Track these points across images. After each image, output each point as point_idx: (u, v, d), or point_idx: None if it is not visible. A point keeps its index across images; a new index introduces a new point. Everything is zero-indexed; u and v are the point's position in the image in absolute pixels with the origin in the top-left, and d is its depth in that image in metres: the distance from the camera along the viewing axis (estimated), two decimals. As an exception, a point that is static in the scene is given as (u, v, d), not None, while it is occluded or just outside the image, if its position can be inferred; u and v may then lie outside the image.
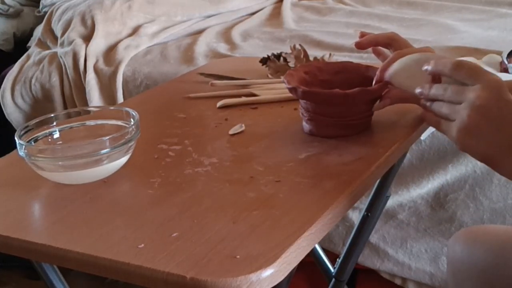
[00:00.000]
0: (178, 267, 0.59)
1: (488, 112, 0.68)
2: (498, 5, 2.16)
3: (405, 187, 1.49)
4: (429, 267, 1.50)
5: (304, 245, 0.63)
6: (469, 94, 0.70)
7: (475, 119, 0.69)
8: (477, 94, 0.69)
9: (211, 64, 1.58)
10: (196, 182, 0.77)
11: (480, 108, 0.69)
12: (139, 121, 0.82)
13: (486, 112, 0.68)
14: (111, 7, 2.07)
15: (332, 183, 0.74)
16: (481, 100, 0.68)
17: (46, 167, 0.77)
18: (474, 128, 0.69)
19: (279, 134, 0.91)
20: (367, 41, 0.92)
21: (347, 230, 1.54)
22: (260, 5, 2.39)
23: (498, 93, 0.69)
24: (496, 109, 0.68)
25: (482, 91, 0.69)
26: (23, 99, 1.96)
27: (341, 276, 1.31)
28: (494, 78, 0.70)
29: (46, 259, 0.76)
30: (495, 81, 0.69)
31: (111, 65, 1.88)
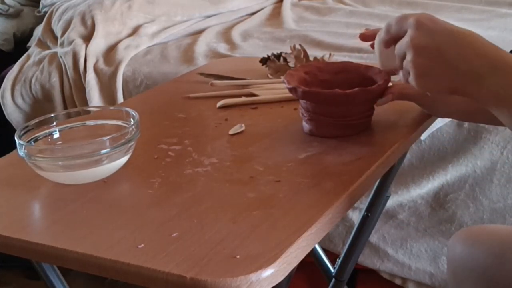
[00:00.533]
0: (178, 267, 0.59)
1: (426, 49, 0.67)
2: (498, 5, 2.16)
3: (405, 187, 1.49)
4: (429, 267, 1.50)
5: (304, 245, 0.63)
6: (405, 40, 0.69)
7: (419, 62, 0.68)
8: (409, 37, 0.68)
9: (211, 64, 1.58)
10: (196, 182, 0.77)
11: (418, 48, 0.68)
12: (139, 121, 0.82)
13: (424, 50, 0.67)
14: (111, 7, 2.07)
15: (332, 183, 0.74)
16: (415, 40, 0.68)
17: (46, 167, 0.78)
18: (423, 70, 0.68)
19: (279, 134, 0.91)
20: (371, 33, 0.90)
21: (347, 230, 1.54)
22: (260, 5, 2.39)
23: (428, 27, 0.68)
24: (432, 42, 0.67)
25: (413, 32, 0.68)
26: (23, 99, 1.96)
27: (341, 276, 1.31)
28: (421, 15, 0.69)
29: (46, 259, 0.76)
30: (423, 16, 0.69)
31: (111, 65, 1.88)
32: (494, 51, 0.67)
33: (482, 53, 0.67)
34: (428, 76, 0.69)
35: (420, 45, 0.68)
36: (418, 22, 0.68)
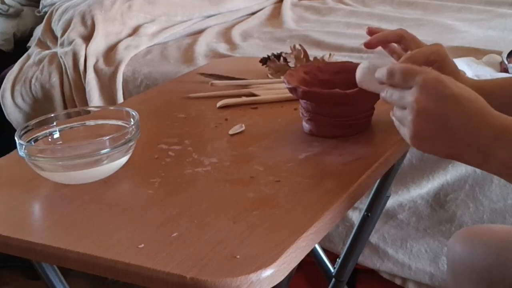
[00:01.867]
0: (178, 267, 0.59)
1: (430, 114, 0.66)
2: (498, 5, 2.16)
3: (405, 187, 1.49)
4: (429, 267, 1.50)
5: (304, 245, 0.63)
6: (408, 98, 0.67)
7: (420, 124, 0.67)
8: (414, 98, 0.66)
9: (211, 64, 1.58)
10: (196, 182, 0.77)
11: (422, 112, 0.66)
12: (139, 121, 0.82)
13: (428, 115, 0.66)
14: (111, 7, 2.07)
15: (332, 183, 0.74)
16: (420, 103, 0.66)
17: (46, 167, 0.78)
18: (422, 133, 0.67)
19: (279, 134, 0.91)
20: (376, 40, 0.89)
21: (347, 230, 1.54)
22: (260, 5, 2.39)
23: (435, 91, 0.66)
24: (438, 108, 0.66)
25: (419, 94, 0.66)
26: (23, 99, 1.96)
27: (341, 276, 1.31)
28: (429, 77, 0.67)
29: (46, 259, 0.76)
30: (431, 79, 0.66)
31: (111, 65, 1.88)
32: (499, 119, 0.66)
33: (487, 123, 0.65)
34: (427, 140, 0.68)
35: (424, 110, 0.66)
36: (426, 85, 0.66)
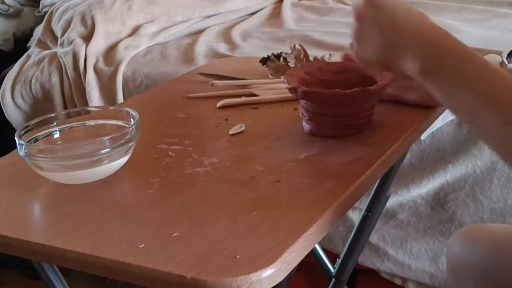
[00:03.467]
0: (178, 267, 0.59)
1: (365, 18, 0.72)
2: (498, 5, 2.16)
3: (405, 187, 1.49)
4: (429, 267, 1.50)
5: (304, 245, 0.63)
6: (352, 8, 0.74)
7: (356, 25, 0.73)
8: (354, 6, 0.73)
9: (211, 64, 1.58)
10: (196, 182, 0.77)
11: (358, 18, 0.73)
12: (139, 121, 0.82)
13: (363, 19, 0.72)
14: (111, 7, 2.07)
15: (332, 183, 0.74)
16: (358, 9, 0.73)
17: (46, 167, 0.78)
18: (359, 37, 0.73)
19: (279, 134, 0.91)
20: None
21: (347, 230, 1.54)
22: (260, 5, 2.39)
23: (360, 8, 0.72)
24: (372, 12, 0.72)
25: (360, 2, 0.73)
26: (23, 99, 1.96)
27: (341, 276, 1.31)
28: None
29: (46, 259, 0.76)
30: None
31: (111, 65, 1.88)
32: (431, 29, 0.70)
33: (416, 29, 0.70)
34: (363, 44, 0.74)
35: (360, 14, 0.73)
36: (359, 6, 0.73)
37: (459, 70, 0.66)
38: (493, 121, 0.63)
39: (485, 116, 0.63)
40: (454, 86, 0.66)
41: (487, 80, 0.65)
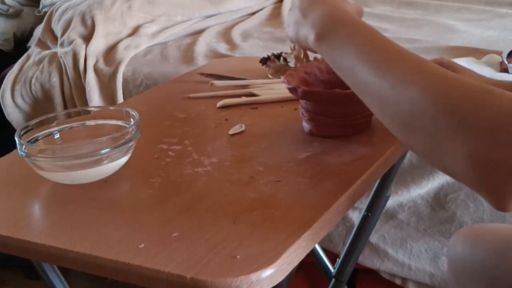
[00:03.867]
0: (178, 267, 0.59)
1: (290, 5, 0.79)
2: (498, 5, 2.16)
3: (405, 187, 1.49)
4: (429, 267, 1.50)
5: (304, 245, 0.63)
6: None
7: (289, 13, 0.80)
8: None
9: (211, 64, 1.58)
10: (196, 182, 0.77)
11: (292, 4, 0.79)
12: (139, 121, 0.82)
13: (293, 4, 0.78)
14: (111, 7, 2.07)
15: (332, 183, 0.74)
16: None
17: (46, 167, 0.77)
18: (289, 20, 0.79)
19: (279, 134, 0.91)
20: None
21: (347, 230, 1.54)
22: (260, 5, 2.39)
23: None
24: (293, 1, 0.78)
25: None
26: (23, 99, 1.96)
27: (341, 276, 1.31)
28: None
29: (46, 259, 0.76)
30: None
31: (111, 65, 1.88)
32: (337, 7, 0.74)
33: (323, 6, 0.74)
34: (288, 26, 0.80)
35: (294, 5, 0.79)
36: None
37: (349, 34, 0.70)
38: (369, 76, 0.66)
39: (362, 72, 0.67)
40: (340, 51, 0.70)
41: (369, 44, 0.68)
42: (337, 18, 0.73)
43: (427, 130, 0.60)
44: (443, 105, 0.59)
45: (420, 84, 0.61)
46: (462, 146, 0.58)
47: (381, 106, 0.66)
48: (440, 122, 0.59)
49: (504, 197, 0.58)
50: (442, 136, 0.59)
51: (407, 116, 0.62)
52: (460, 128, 0.58)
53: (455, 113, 0.58)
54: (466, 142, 0.58)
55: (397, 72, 0.64)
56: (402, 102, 0.62)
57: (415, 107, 0.61)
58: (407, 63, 0.64)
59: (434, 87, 0.61)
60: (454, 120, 0.58)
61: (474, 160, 0.57)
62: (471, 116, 0.58)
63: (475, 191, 0.60)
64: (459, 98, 0.59)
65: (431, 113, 0.60)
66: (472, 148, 0.57)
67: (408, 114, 0.62)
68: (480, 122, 0.57)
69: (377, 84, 0.65)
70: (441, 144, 0.59)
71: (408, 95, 0.62)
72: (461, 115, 0.58)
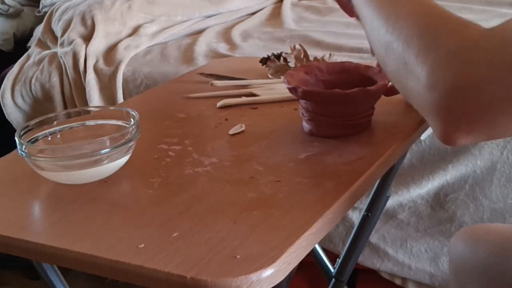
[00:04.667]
0: (178, 267, 0.59)
1: None
2: (498, 5, 2.17)
3: (405, 187, 1.49)
4: (429, 267, 1.50)
5: (304, 245, 0.63)
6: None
7: None
8: None
9: (211, 64, 1.58)
10: (196, 182, 0.77)
11: None
12: (139, 121, 0.82)
13: None
14: (111, 7, 2.07)
15: (332, 183, 0.74)
16: None
17: (46, 167, 0.78)
18: None
19: (279, 134, 0.91)
20: None
21: (347, 230, 1.54)
22: (260, 5, 2.39)
23: None
24: None
25: None
26: (23, 99, 1.96)
27: (341, 276, 1.31)
28: None
29: (46, 259, 0.76)
30: None
31: (111, 65, 1.88)
32: None
33: None
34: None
35: None
36: None
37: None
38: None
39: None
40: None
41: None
42: None
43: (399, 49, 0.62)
44: (422, 24, 0.61)
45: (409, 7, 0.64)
46: (424, 66, 0.58)
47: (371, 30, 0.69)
48: (413, 40, 0.60)
49: (452, 127, 0.58)
50: (412, 55, 0.60)
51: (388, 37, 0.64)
52: (428, 48, 0.59)
53: (429, 33, 0.60)
54: (428, 61, 0.58)
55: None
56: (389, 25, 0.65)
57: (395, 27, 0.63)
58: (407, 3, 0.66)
59: (421, 9, 0.63)
60: (426, 39, 0.59)
61: (430, 81, 0.57)
62: (441, 37, 0.59)
63: (427, 118, 0.60)
64: (435, 21, 0.61)
65: (409, 33, 0.61)
66: (431, 68, 0.57)
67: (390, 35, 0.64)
68: (447, 43, 0.58)
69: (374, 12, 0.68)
70: (407, 65, 0.60)
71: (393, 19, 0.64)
72: (433, 35, 0.59)
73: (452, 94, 0.56)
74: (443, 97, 0.57)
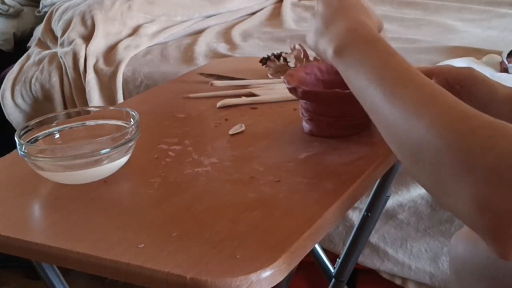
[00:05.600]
0: (178, 267, 0.59)
1: (314, 10, 0.77)
2: (498, 5, 2.16)
3: (405, 187, 1.49)
4: (429, 267, 1.50)
5: (304, 245, 0.63)
6: None
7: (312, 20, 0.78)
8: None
9: (211, 64, 1.58)
10: (196, 182, 0.77)
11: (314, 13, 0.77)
12: (139, 121, 0.82)
13: (313, 11, 0.77)
14: (111, 7, 2.07)
15: (332, 183, 0.74)
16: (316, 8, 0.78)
17: (46, 167, 0.78)
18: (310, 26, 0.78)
19: (279, 134, 0.91)
20: None
21: (347, 230, 1.54)
22: (260, 5, 2.39)
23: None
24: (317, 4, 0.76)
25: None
26: (23, 99, 1.96)
27: (341, 276, 1.30)
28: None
29: (46, 259, 0.76)
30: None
31: (111, 65, 1.88)
32: (359, 23, 0.72)
33: (347, 21, 0.72)
34: (308, 32, 0.79)
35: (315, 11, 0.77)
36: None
37: (366, 54, 0.68)
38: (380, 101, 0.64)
39: (374, 95, 0.65)
40: (355, 70, 0.68)
41: (383, 66, 0.66)
42: (357, 35, 0.70)
43: (432, 165, 0.58)
44: (448, 140, 0.56)
45: (429, 116, 0.59)
46: (465, 187, 0.54)
47: (389, 131, 0.64)
48: (445, 158, 0.56)
49: (508, 246, 0.55)
50: (446, 173, 0.56)
51: (414, 148, 0.60)
52: (464, 167, 0.55)
53: (460, 150, 0.55)
54: (469, 183, 0.54)
55: (408, 101, 0.61)
56: (411, 132, 0.60)
57: (422, 140, 0.58)
58: (420, 92, 0.62)
59: (441, 120, 0.58)
60: (458, 158, 0.55)
61: (477, 204, 0.54)
62: (474, 155, 0.54)
63: (478, 234, 0.57)
64: (464, 134, 0.56)
65: (437, 147, 0.57)
66: (474, 190, 0.54)
67: (415, 145, 0.59)
68: (483, 162, 0.54)
69: (388, 110, 0.63)
70: (446, 183, 0.56)
71: (416, 126, 0.59)
72: (465, 153, 0.55)
73: (504, 215, 0.53)
74: (494, 221, 0.54)
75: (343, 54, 0.70)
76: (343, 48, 0.70)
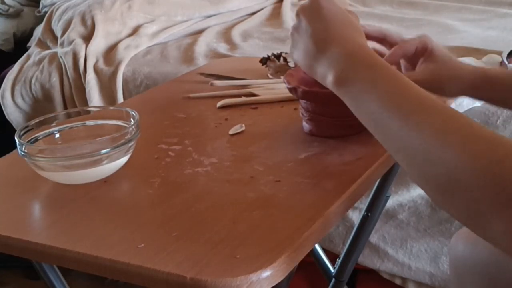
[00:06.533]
0: (178, 267, 0.59)
1: (296, 24, 0.74)
2: (498, 5, 2.17)
3: (405, 187, 1.49)
4: (429, 267, 1.50)
5: (304, 245, 0.63)
6: None
7: (295, 21, 0.75)
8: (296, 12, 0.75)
9: (211, 64, 1.58)
10: (196, 182, 0.77)
11: (299, 10, 0.74)
12: (139, 121, 0.82)
13: (295, 24, 0.74)
14: (111, 7, 2.07)
15: (332, 183, 0.74)
16: (301, 3, 0.75)
17: (46, 167, 0.78)
18: (293, 30, 0.75)
19: (279, 134, 0.91)
20: None
21: (347, 230, 1.54)
22: (260, 5, 2.39)
23: (304, 7, 0.74)
24: (312, 12, 0.73)
25: (297, 14, 0.75)
26: (23, 99, 1.96)
27: (341, 276, 1.31)
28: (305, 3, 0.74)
29: (46, 259, 0.76)
30: (308, 2, 0.74)
31: (111, 65, 1.88)
32: (357, 45, 0.69)
33: (342, 43, 0.69)
34: (295, 43, 0.74)
35: (302, 11, 0.73)
36: (302, 8, 0.74)
37: (371, 79, 0.64)
38: (398, 130, 0.60)
39: (389, 124, 0.61)
40: (363, 97, 0.65)
41: (396, 92, 0.62)
42: (357, 59, 0.67)
43: (466, 198, 0.53)
44: (482, 171, 0.52)
45: (456, 144, 0.54)
46: (504, 220, 0.50)
47: (410, 162, 0.59)
48: (480, 190, 0.52)
49: None
50: (483, 206, 0.52)
51: (442, 180, 0.55)
52: (502, 199, 0.50)
53: (495, 181, 0.51)
54: (507, 217, 0.50)
55: (428, 127, 0.57)
56: (436, 163, 0.55)
57: (451, 171, 0.54)
58: (437, 116, 0.58)
59: (471, 149, 0.53)
60: (494, 189, 0.51)
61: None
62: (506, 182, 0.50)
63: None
64: (498, 162, 0.51)
65: (469, 180, 0.53)
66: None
67: (444, 177, 0.54)
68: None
69: (405, 139, 0.58)
70: (484, 215, 0.52)
71: (442, 156, 0.54)
72: (501, 183, 0.51)
73: None
74: None
75: (346, 83, 0.66)
76: (345, 75, 0.67)
